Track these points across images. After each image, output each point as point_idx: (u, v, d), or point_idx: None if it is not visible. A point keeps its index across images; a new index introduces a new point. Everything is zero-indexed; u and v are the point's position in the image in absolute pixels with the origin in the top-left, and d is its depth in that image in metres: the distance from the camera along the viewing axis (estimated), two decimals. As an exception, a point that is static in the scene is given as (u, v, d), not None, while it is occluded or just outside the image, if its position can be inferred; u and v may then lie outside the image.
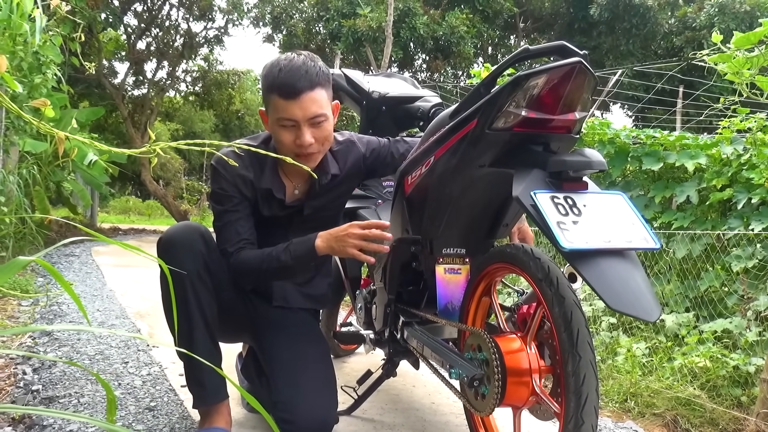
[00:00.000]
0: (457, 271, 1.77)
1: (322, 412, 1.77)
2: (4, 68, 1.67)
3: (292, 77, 1.68)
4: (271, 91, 1.70)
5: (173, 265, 1.65)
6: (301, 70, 1.69)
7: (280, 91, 1.68)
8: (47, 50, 4.59)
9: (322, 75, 1.73)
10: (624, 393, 2.57)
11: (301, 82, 1.68)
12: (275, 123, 1.74)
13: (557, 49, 1.43)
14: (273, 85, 1.70)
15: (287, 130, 1.72)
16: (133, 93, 15.24)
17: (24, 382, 2.40)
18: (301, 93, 1.68)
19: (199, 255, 1.75)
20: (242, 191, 1.83)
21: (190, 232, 1.78)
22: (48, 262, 0.87)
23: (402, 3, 13.24)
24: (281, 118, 1.71)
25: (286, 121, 1.71)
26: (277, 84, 1.69)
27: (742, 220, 3.18)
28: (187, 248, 1.75)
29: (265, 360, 1.90)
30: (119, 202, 21.66)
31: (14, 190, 4.93)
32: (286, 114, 1.70)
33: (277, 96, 1.69)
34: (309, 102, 1.70)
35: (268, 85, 1.71)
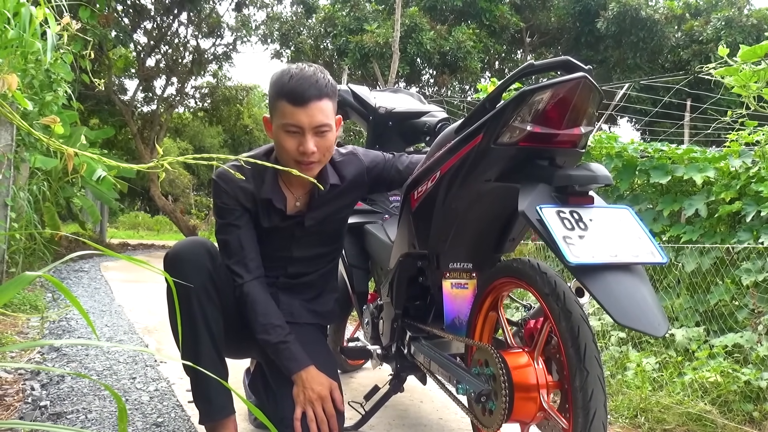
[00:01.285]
0: (464, 286, 1.77)
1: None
2: (15, 86, 1.69)
3: (302, 85, 1.70)
4: (280, 96, 1.72)
5: (180, 280, 1.66)
6: (311, 79, 1.72)
7: (288, 97, 1.70)
8: (58, 68, 4.64)
9: (330, 87, 1.76)
10: (634, 408, 2.55)
11: (310, 90, 1.70)
12: (280, 128, 1.75)
13: (562, 64, 1.44)
14: (282, 91, 1.72)
15: (291, 136, 1.74)
16: (143, 109, 15.38)
17: (32, 397, 2.41)
18: (309, 101, 1.70)
19: (206, 270, 1.76)
20: (243, 204, 1.84)
21: (197, 248, 1.80)
22: (57, 278, 0.88)
23: (409, 19, 13.34)
24: (287, 123, 1.72)
25: (291, 126, 1.72)
26: (286, 90, 1.71)
27: (751, 233, 3.16)
28: (193, 263, 1.76)
29: (272, 376, 1.90)
30: (128, 218, 21.77)
31: (25, 206, 4.97)
32: (292, 120, 1.72)
33: (285, 101, 1.71)
34: (316, 110, 1.72)
35: (277, 90, 1.73)
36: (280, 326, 1.80)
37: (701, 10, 15.27)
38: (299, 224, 1.92)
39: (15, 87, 1.65)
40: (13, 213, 4.65)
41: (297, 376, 1.77)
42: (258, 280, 1.84)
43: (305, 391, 1.75)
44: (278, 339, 1.78)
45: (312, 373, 1.77)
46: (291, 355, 1.78)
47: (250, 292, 1.81)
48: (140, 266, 0.91)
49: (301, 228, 1.92)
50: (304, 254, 1.97)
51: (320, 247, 2.00)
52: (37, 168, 5.81)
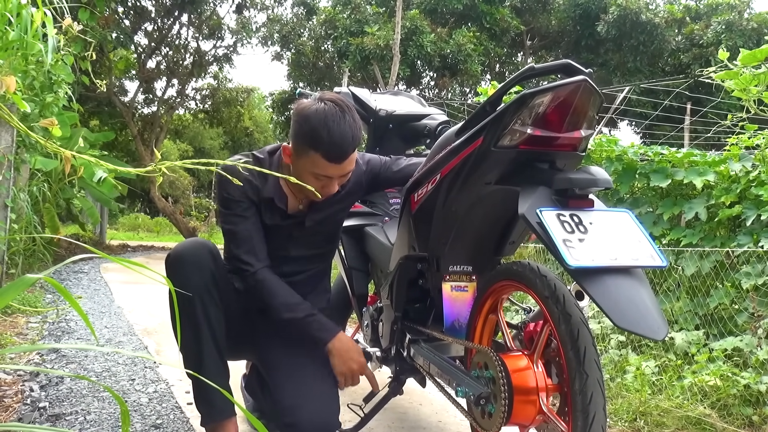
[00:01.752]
0: (464, 289, 1.77)
1: (325, 416, 1.79)
2: (13, 88, 1.69)
3: (341, 144, 1.68)
4: (315, 148, 1.68)
5: (182, 282, 1.66)
6: (348, 135, 1.69)
7: (326, 154, 1.68)
8: (59, 69, 4.64)
9: (359, 135, 1.75)
10: (633, 412, 2.54)
11: (348, 149, 1.69)
12: (307, 172, 1.72)
13: (563, 67, 1.44)
14: (319, 145, 1.67)
15: (318, 179, 1.73)
16: (143, 111, 15.38)
17: (31, 399, 2.41)
18: (344, 158, 1.70)
19: (208, 271, 1.77)
20: (249, 196, 1.85)
21: (199, 249, 1.80)
22: (57, 279, 0.88)
23: (409, 21, 13.35)
24: (318, 173, 1.72)
25: (322, 177, 1.72)
26: (324, 146, 1.67)
27: (751, 236, 3.16)
28: (196, 265, 1.76)
29: (267, 369, 1.91)
30: (128, 219, 21.76)
31: (25, 207, 4.97)
32: (324, 172, 1.71)
33: (320, 156, 1.68)
34: (348, 165, 1.73)
35: (312, 142, 1.68)
36: (302, 303, 1.84)
37: (701, 13, 15.29)
38: (299, 224, 1.93)
39: (13, 89, 1.66)
40: (13, 214, 4.65)
41: (331, 345, 1.83)
42: (268, 267, 1.85)
43: (345, 363, 1.84)
44: (305, 313, 1.83)
45: (344, 341, 1.86)
46: (321, 325, 1.84)
47: (265, 278, 1.83)
48: (137, 271, 0.91)
49: (301, 228, 1.93)
50: (300, 253, 1.98)
51: (316, 247, 2.02)
52: (37, 169, 5.81)
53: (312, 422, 1.75)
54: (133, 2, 12.54)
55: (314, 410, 1.77)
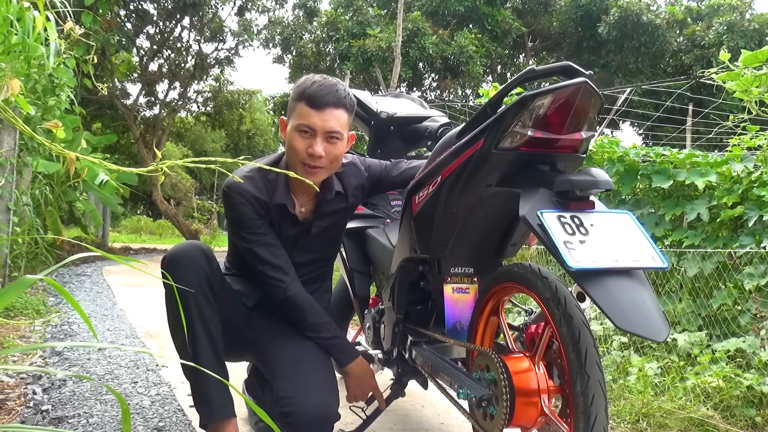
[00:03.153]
0: (466, 291, 1.77)
1: (324, 404, 1.79)
2: (17, 91, 1.69)
3: (322, 90, 1.79)
4: (300, 99, 1.79)
5: (177, 282, 1.67)
6: (332, 87, 1.80)
7: (308, 100, 1.78)
8: (61, 73, 4.66)
9: (349, 100, 1.83)
10: (636, 413, 2.54)
11: (328, 97, 1.78)
12: (294, 129, 1.80)
13: (563, 69, 1.44)
14: (303, 94, 1.79)
15: (303, 137, 1.79)
16: (145, 113, 15.41)
17: (34, 401, 2.41)
18: (326, 106, 1.78)
19: (202, 273, 1.78)
20: (260, 213, 1.86)
21: (193, 251, 1.82)
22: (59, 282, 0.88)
23: (411, 23, 13.37)
24: (301, 124, 1.78)
25: (305, 127, 1.78)
26: (307, 93, 1.79)
27: (753, 237, 3.15)
28: (190, 266, 1.78)
29: (266, 365, 1.92)
30: (131, 222, 21.79)
31: (27, 210, 4.98)
32: (307, 120, 1.78)
33: (304, 104, 1.78)
34: (331, 116, 1.78)
35: (298, 93, 1.81)
36: (329, 323, 1.90)
37: (703, 14, 15.28)
38: (305, 231, 1.94)
39: (17, 91, 1.66)
40: (16, 217, 4.66)
41: (349, 368, 1.89)
42: (296, 281, 1.89)
43: (360, 386, 1.92)
44: (330, 335, 1.89)
45: (362, 366, 1.92)
46: (342, 348, 1.91)
47: (295, 294, 1.86)
48: (137, 269, 0.92)
49: (307, 235, 1.95)
50: (305, 259, 1.99)
51: (320, 251, 2.04)
52: (39, 172, 5.82)
53: (310, 410, 1.76)
54: (135, 5, 12.58)
55: (312, 399, 1.78)
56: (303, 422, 1.75)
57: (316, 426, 1.77)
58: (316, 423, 1.77)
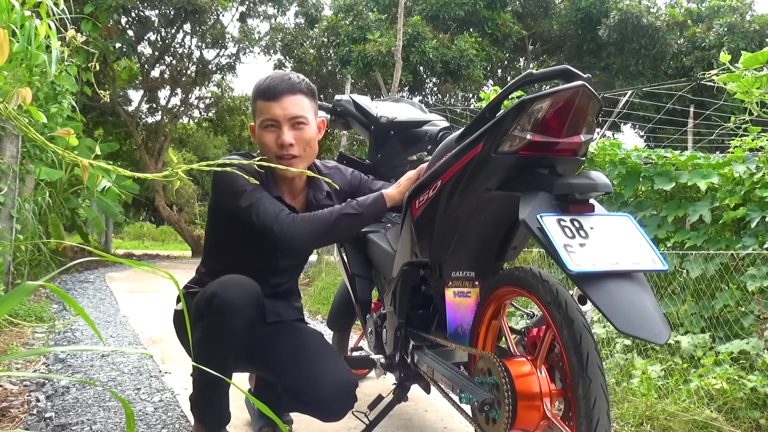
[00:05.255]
0: (467, 295, 1.77)
1: (341, 376, 1.82)
2: (29, 100, 1.70)
3: (274, 81, 1.84)
4: (257, 97, 1.84)
5: (220, 324, 1.67)
6: (284, 77, 1.87)
7: (263, 95, 1.83)
8: (63, 80, 4.68)
9: (304, 85, 1.87)
10: (639, 416, 2.53)
11: (282, 86, 1.82)
12: (260, 127, 1.83)
13: (561, 73, 1.45)
14: (258, 91, 1.84)
15: (269, 131, 1.82)
16: (147, 120, 15.45)
17: (37, 409, 2.41)
18: (282, 95, 1.81)
19: (249, 322, 1.75)
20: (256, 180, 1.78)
21: (248, 298, 1.74)
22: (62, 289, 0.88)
23: (411, 27, 13.38)
24: (264, 119, 1.82)
25: (268, 121, 1.81)
26: (261, 89, 1.84)
27: (756, 238, 3.15)
28: (241, 317, 1.71)
29: (273, 366, 1.92)
30: (133, 228, 21.82)
31: (30, 217, 4.99)
32: (268, 114, 1.81)
33: (261, 100, 1.83)
34: (289, 103, 1.82)
35: (255, 93, 1.86)
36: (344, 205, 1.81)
37: (703, 16, 15.26)
38: None
39: (29, 100, 1.66)
40: (19, 224, 4.67)
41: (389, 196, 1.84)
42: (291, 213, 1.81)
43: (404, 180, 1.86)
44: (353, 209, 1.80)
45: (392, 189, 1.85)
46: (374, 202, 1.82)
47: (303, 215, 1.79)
48: (147, 270, 0.92)
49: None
50: (286, 264, 2.03)
51: (299, 258, 2.09)
52: (41, 179, 5.84)
53: (332, 386, 1.79)
54: (137, 12, 12.62)
55: (331, 377, 1.80)
56: (330, 399, 1.78)
57: (343, 398, 1.81)
58: (341, 396, 1.81)
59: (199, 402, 1.85)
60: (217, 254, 2.01)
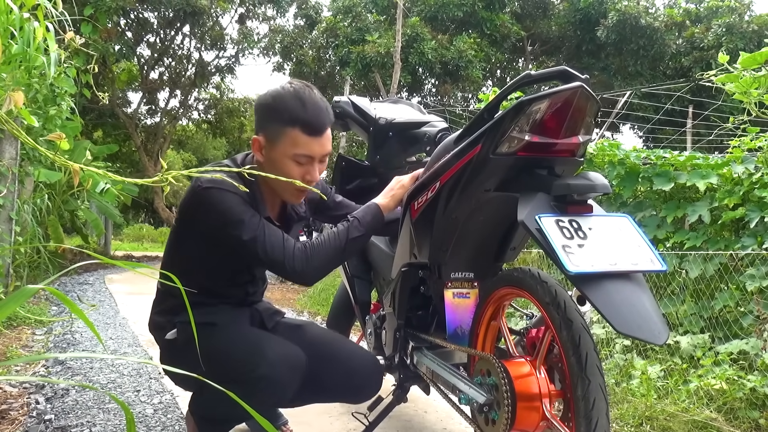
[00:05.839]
0: (466, 296, 1.77)
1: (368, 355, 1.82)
2: (21, 103, 1.70)
3: (317, 113, 1.64)
4: (293, 124, 1.62)
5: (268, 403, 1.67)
6: (322, 105, 1.66)
7: (305, 127, 1.62)
8: (62, 82, 4.68)
9: (332, 114, 1.72)
10: (639, 417, 2.53)
11: (326, 119, 1.65)
12: (287, 157, 1.65)
13: (559, 74, 1.45)
14: (297, 120, 1.62)
15: (298, 165, 1.66)
16: (146, 122, 15.47)
17: (37, 411, 2.41)
18: (324, 130, 1.65)
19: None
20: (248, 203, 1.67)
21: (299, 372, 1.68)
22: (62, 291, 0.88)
23: (410, 29, 13.40)
24: (299, 154, 1.64)
25: (303, 157, 1.65)
26: (302, 119, 1.62)
27: (755, 239, 3.15)
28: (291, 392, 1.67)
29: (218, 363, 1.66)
30: (133, 230, 21.82)
31: (29, 219, 4.99)
32: (306, 150, 1.64)
33: (299, 131, 1.62)
34: (327, 140, 1.68)
35: (290, 118, 1.63)
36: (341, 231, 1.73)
37: (702, 16, 15.29)
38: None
39: (21, 104, 1.66)
40: (18, 227, 4.67)
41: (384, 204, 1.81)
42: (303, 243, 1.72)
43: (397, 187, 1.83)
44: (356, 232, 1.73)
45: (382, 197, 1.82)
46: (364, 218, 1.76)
47: (313, 245, 1.69)
48: (145, 274, 0.92)
49: None
50: (261, 273, 1.95)
51: None
52: (41, 181, 5.84)
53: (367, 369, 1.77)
54: (136, 15, 12.63)
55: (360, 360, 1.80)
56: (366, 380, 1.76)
57: (377, 376, 1.78)
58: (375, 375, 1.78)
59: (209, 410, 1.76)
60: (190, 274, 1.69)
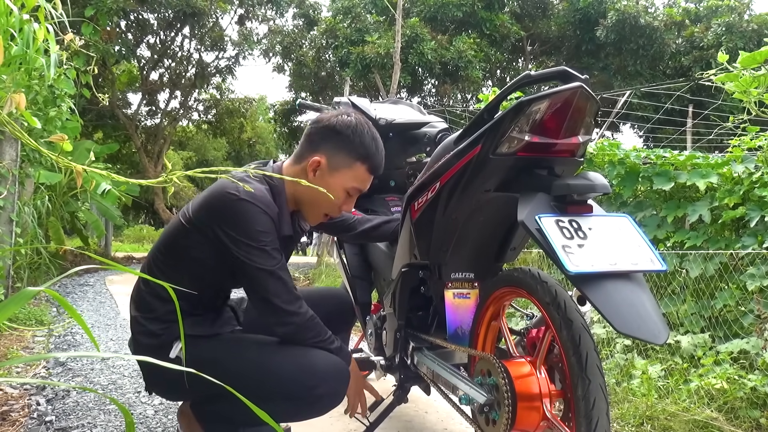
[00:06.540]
0: (466, 296, 1.77)
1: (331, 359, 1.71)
2: (23, 105, 1.70)
3: (382, 157, 1.75)
4: (363, 161, 1.71)
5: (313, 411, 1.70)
6: (383, 148, 1.77)
7: (372, 167, 1.73)
8: (61, 83, 4.68)
9: None
10: (640, 416, 2.53)
11: (383, 162, 1.77)
12: (344, 186, 1.71)
13: (559, 74, 1.45)
14: (367, 157, 1.71)
15: (347, 195, 1.74)
16: (147, 123, 15.48)
17: (38, 412, 2.41)
18: (381, 172, 1.77)
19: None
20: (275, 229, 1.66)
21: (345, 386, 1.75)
22: (62, 292, 0.88)
23: (410, 29, 13.40)
24: (356, 188, 1.74)
25: (355, 190, 1.75)
26: (372, 160, 1.73)
27: (755, 238, 3.15)
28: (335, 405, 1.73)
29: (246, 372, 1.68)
30: (133, 231, 21.82)
31: (29, 221, 4.99)
32: (362, 186, 1.74)
33: (366, 169, 1.73)
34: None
35: (363, 154, 1.71)
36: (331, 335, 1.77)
37: (701, 16, 15.30)
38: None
39: (23, 106, 1.66)
40: (18, 228, 4.67)
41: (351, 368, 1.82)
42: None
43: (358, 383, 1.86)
44: (338, 342, 1.77)
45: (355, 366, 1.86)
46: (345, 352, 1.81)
47: (312, 318, 1.71)
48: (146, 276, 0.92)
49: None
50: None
51: None
52: (41, 183, 5.84)
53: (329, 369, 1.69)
54: (136, 16, 12.64)
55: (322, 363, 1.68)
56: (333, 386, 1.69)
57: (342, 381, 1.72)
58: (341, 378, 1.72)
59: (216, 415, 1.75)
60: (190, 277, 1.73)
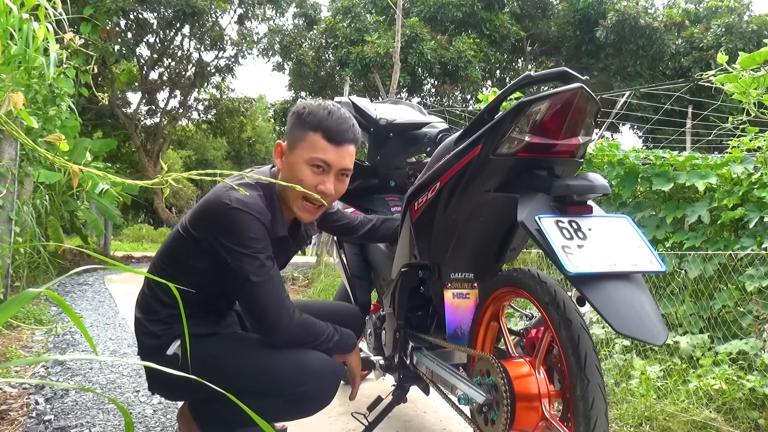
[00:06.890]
0: (466, 296, 1.77)
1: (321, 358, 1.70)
2: (20, 104, 1.69)
3: (341, 125, 1.69)
4: (315, 129, 1.67)
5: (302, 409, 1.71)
6: (349, 122, 1.71)
7: (326, 134, 1.67)
8: (61, 83, 4.68)
9: (359, 135, 1.76)
10: (639, 417, 2.54)
11: (348, 133, 1.69)
12: (303, 161, 1.68)
13: (559, 75, 1.45)
14: (319, 125, 1.67)
15: (314, 171, 1.68)
16: (146, 122, 15.47)
17: (36, 411, 2.41)
18: (344, 142, 1.69)
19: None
20: (269, 235, 1.67)
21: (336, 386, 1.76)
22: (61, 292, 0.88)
23: (409, 29, 13.40)
24: (316, 158, 1.67)
25: (319, 161, 1.67)
26: (325, 125, 1.67)
27: (754, 239, 3.15)
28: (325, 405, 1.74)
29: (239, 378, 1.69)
30: (132, 230, 21.81)
31: (29, 220, 4.99)
32: (324, 155, 1.67)
33: (320, 136, 1.67)
34: (346, 153, 1.70)
35: (313, 123, 1.67)
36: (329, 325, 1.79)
37: (701, 17, 15.31)
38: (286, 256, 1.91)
39: (20, 105, 1.66)
40: (17, 227, 4.67)
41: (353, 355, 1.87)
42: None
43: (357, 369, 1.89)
44: (339, 334, 1.79)
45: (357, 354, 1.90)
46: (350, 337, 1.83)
47: (304, 318, 1.72)
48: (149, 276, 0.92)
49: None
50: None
51: None
52: (40, 182, 5.84)
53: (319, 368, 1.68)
54: (135, 15, 12.64)
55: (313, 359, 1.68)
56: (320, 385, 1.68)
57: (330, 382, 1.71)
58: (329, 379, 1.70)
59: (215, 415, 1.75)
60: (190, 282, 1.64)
